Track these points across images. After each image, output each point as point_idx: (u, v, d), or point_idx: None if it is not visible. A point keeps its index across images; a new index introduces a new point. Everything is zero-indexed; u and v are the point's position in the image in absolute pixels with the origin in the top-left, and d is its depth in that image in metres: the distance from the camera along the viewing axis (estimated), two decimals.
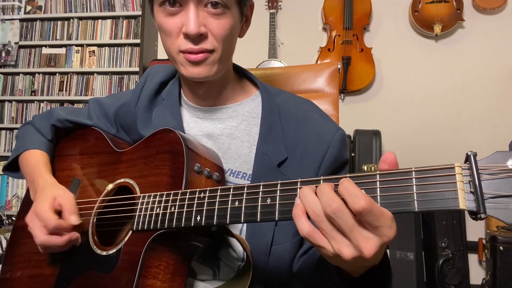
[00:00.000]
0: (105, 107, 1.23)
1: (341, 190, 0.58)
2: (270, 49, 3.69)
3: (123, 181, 1.00)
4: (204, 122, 1.09)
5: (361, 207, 0.55)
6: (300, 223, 0.61)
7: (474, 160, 0.52)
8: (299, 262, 0.99)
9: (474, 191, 0.51)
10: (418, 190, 0.56)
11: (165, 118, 1.10)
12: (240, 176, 1.03)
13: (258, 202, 0.69)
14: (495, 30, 3.49)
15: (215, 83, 1.05)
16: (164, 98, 1.15)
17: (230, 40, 0.98)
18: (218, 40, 0.95)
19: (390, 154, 0.61)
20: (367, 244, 0.57)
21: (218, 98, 1.08)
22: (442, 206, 0.54)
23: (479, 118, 3.46)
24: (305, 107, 1.10)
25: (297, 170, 1.00)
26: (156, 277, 0.84)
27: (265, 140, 1.02)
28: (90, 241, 0.98)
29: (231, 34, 0.97)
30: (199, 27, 0.91)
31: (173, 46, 0.97)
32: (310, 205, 0.60)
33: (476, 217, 0.52)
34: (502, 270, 2.81)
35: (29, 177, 1.13)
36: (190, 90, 1.09)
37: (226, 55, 0.99)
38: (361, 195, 0.56)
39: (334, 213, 0.57)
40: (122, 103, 1.21)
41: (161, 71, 1.20)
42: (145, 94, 1.16)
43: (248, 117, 1.08)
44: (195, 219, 0.78)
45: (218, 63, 0.97)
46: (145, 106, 1.14)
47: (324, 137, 1.02)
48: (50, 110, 1.25)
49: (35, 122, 1.23)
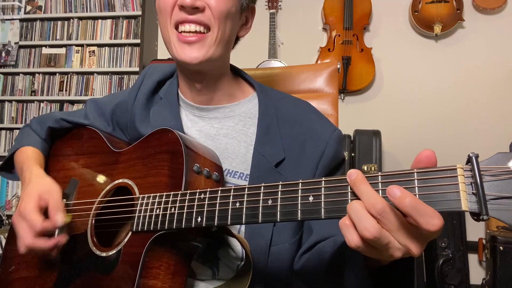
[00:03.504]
0: (102, 105, 1.22)
1: (387, 191, 0.57)
2: (270, 49, 3.69)
3: (122, 181, 0.99)
4: (201, 121, 1.09)
5: (406, 205, 0.54)
6: (347, 233, 0.60)
7: (476, 161, 0.52)
8: (301, 260, 0.99)
9: (476, 192, 0.51)
10: (420, 192, 0.56)
11: (163, 117, 1.10)
12: (237, 176, 1.03)
13: (259, 203, 0.69)
14: (495, 30, 3.49)
15: (211, 76, 1.04)
16: (162, 97, 1.14)
17: (227, 22, 0.96)
18: (215, 17, 0.93)
19: (427, 151, 0.58)
20: (414, 245, 0.57)
21: (215, 96, 1.07)
22: (445, 208, 0.54)
23: (478, 118, 3.46)
24: (302, 107, 1.10)
25: (295, 170, 1.00)
26: (156, 277, 0.84)
27: (262, 141, 1.02)
28: (89, 242, 0.97)
29: (228, 14, 0.95)
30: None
31: (166, 23, 0.96)
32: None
33: (478, 219, 0.52)
34: (502, 270, 2.81)
35: (20, 173, 1.12)
36: (187, 86, 1.08)
37: (222, 38, 0.97)
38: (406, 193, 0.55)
39: (380, 213, 0.57)
40: (119, 101, 1.20)
41: (159, 70, 1.19)
42: (143, 92, 1.15)
43: (245, 117, 1.08)
44: (196, 220, 0.78)
45: (213, 46, 0.95)
46: (143, 104, 1.14)
47: (321, 137, 1.03)
48: (48, 114, 1.25)
49: (32, 124, 1.23)
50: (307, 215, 0.64)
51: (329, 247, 0.90)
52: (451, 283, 2.99)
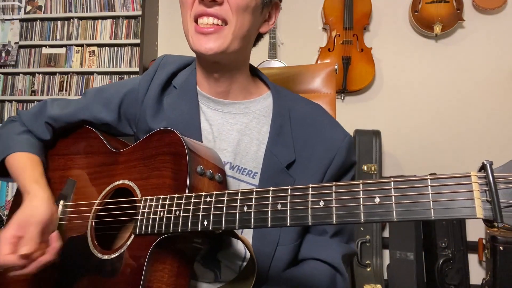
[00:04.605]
0: (107, 96, 1.16)
1: None
2: (270, 49, 3.68)
3: (122, 182, 0.98)
4: (215, 114, 1.08)
5: None
6: None
7: (490, 169, 0.52)
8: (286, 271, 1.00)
9: (491, 200, 0.51)
10: (434, 199, 0.56)
11: (179, 108, 1.08)
12: (245, 173, 1.03)
13: (268, 208, 0.69)
14: (495, 30, 3.49)
15: (228, 68, 1.04)
16: (177, 87, 1.12)
17: (246, 16, 0.96)
18: (233, 11, 0.94)
19: None
20: None
21: (231, 88, 1.07)
22: (458, 215, 0.54)
23: (478, 117, 3.46)
24: (315, 111, 1.10)
25: (304, 174, 1.01)
26: (161, 280, 0.83)
27: (275, 141, 1.02)
28: (89, 245, 0.96)
29: (247, 8, 0.95)
30: None
31: (186, 16, 0.97)
32: None
33: (492, 225, 0.52)
34: (502, 270, 2.81)
35: (17, 183, 1.09)
36: (205, 76, 1.07)
37: (240, 32, 0.96)
38: None
39: None
40: (128, 90, 1.15)
41: (172, 61, 1.16)
42: (156, 83, 1.12)
43: (260, 115, 1.08)
44: (202, 224, 0.77)
45: (230, 39, 0.95)
46: (156, 95, 1.10)
47: (331, 144, 1.03)
48: (41, 106, 1.18)
49: (25, 120, 1.17)
50: (318, 220, 0.64)
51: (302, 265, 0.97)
52: (451, 283, 3.00)
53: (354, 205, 0.61)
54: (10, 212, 1.16)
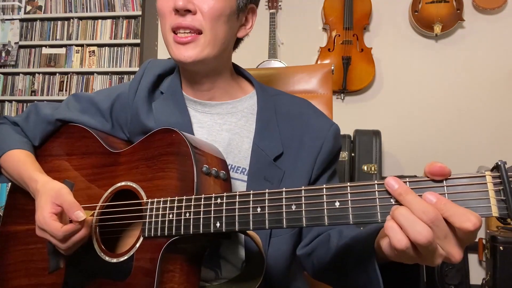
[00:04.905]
0: (98, 101, 1.16)
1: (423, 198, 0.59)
2: (270, 49, 3.69)
3: (125, 184, 0.95)
4: (203, 116, 1.09)
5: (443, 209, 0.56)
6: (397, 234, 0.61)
7: (504, 169, 0.53)
8: (306, 248, 1.03)
9: (506, 198, 0.53)
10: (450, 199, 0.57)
11: (168, 112, 1.09)
12: (239, 171, 1.04)
13: (283, 209, 0.69)
14: (495, 30, 3.50)
15: (208, 74, 1.06)
16: (163, 92, 1.13)
17: (219, 24, 0.98)
18: (206, 19, 0.96)
19: (438, 164, 0.60)
20: (456, 251, 0.59)
21: (215, 93, 1.09)
22: None
23: (478, 117, 3.48)
24: (299, 103, 1.14)
25: (293, 164, 1.04)
26: (172, 280, 0.83)
27: (261, 136, 1.05)
28: (96, 248, 0.94)
29: (220, 16, 0.98)
30: (187, 2, 0.94)
31: (165, 26, 1.00)
32: None
33: (505, 222, 0.53)
34: (502, 270, 2.82)
35: (19, 181, 1.08)
36: (189, 82, 1.10)
37: (215, 39, 0.99)
38: None
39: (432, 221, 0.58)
40: (118, 95, 1.16)
41: (158, 65, 1.18)
42: (144, 85, 1.13)
43: (247, 114, 1.10)
44: (215, 226, 0.77)
45: (207, 47, 0.98)
46: (145, 97, 1.11)
47: (318, 133, 1.06)
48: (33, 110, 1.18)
49: (17, 120, 1.17)
50: (334, 220, 0.64)
51: (335, 238, 0.95)
52: (451, 283, 3.01)
53: (371, 205, 0.62)
54: (6, 207, 1.16)
